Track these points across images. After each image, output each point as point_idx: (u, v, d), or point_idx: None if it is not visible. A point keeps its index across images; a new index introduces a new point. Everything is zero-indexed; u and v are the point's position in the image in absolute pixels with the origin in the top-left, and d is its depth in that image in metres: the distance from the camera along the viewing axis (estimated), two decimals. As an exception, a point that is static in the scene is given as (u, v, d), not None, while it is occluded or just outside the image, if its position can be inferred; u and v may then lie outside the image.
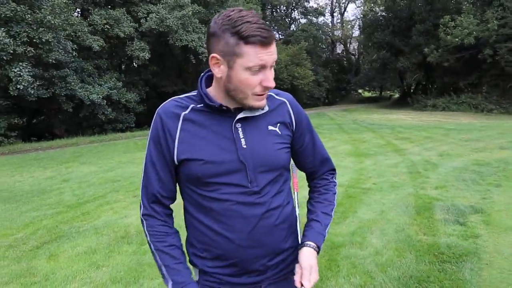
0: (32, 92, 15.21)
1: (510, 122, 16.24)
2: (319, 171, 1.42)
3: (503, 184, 5.93)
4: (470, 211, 4.73)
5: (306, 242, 1.25)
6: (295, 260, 1.28)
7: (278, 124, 1.26)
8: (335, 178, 1.46)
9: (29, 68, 14.75)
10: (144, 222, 1.26)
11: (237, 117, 1.19)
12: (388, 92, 44.02)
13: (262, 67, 1.10)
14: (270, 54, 1.10)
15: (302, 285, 1.15)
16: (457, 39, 21.63)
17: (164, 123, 1.19)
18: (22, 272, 3.71)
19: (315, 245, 1.25)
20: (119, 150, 13.00)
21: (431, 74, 29.55)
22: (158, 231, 1.25)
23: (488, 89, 23.55)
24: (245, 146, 1.18)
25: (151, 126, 1.23)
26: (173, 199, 1.30)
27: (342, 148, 10.52)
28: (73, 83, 17.37)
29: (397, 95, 40.48)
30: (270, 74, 1.13)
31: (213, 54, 1.12)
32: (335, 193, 1.42)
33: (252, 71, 1.10)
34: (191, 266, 1.31)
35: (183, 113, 1.20)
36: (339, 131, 14.70)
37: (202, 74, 1.26)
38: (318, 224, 1.31)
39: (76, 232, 4.81)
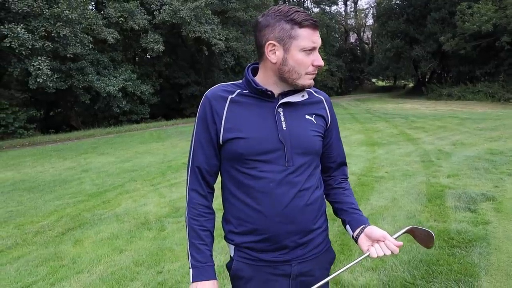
0: (51, 85, 15.55)
1: (526, 111, 16.01)
2: (337, 169, 1.56)
3: (516, 172, 5.95)
4: (481, 199, 4.80)
5: (367, 224, 1.38)
6: (323, 242, 1.43)
7: (314, 115, 1.41)
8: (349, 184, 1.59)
9: (47, 62, 15.05)
10: (187, 196, 1.39)
11: (280, 102, 1.33)
12: (403, 81, 43.49)
13: (313, 48, 1.27)
14: (318, 37, 1.28)
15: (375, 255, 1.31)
16: (474, 26, 21.22)
17: (213, 105, 1.33)
18: (50, 256, 3.94)
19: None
20: (135, 141, 13.27)
21: (446, 63, 29.13)
22: (196, 209, 1.37)
23: (505, 78, 23.07)
24: (285, 128, 1.32)
25: (199, 108, 1.37)
26: (216, 174, 1.43)
27: (355, 137, 10.58)
28: (90, 75, 17.68)
29: (411, 84, 40.04)
30: (319, 55, 1.30)
31: (269, 42, 1.27)
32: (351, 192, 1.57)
33: (306, 52, 1.26)
34: (227, 244, 1.43)
35: (230, 96, 1.35)
36: (352, 121, 14.72)
37: (248, 65, 1.42)
38: (361, 213, 1.47)
39: (98, 219, 5.03)
